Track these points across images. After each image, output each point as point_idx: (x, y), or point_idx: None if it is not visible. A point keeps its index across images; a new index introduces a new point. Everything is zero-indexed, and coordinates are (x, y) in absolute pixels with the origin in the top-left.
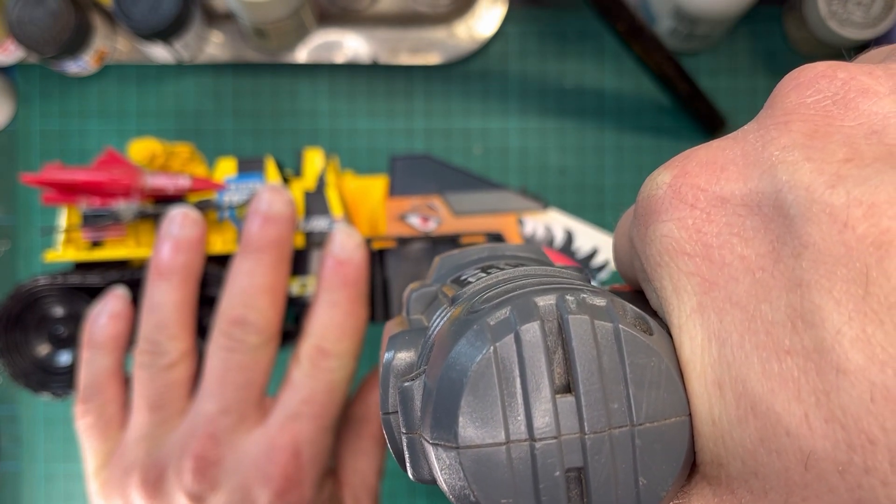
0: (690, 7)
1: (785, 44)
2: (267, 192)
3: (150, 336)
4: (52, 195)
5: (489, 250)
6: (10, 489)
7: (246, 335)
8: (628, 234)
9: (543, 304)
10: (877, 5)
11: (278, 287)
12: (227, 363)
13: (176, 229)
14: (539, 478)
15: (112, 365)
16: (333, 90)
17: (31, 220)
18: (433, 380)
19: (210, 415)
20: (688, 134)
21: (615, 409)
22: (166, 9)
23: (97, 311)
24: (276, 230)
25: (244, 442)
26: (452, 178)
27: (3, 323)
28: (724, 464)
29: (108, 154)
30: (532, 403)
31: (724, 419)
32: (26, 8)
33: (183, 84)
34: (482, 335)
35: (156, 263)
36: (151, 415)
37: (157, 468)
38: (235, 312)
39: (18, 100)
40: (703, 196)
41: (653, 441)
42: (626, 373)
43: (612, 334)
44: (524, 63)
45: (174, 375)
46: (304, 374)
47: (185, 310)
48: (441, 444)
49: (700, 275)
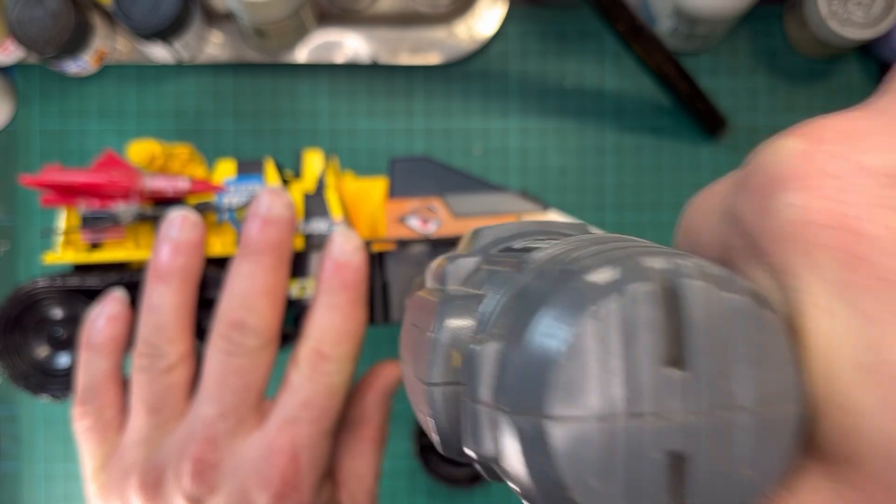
0: (691, 7)
1: (785, 44)
2: (266, 194)
3: (149, 339)
4: (51, 197)
5: (538, 224)
6: (9, 489)
7: (245, 338)
8: (719, 209)
9: (654, 266)
10: (877, 5)
11: (277, 289)
12: (226, 366)
13: (175, 232)
14: (635, 458)
15: (110, 368)
16: (333, 90)
17: (30, 221)
18: (515, 344)
19: (209, 418)
20: (688, 134)
21: (729, 390)
22: (166, 9)
23: (95, 313)
24: (276, 232)
25: (243, 445)
26: (452, 179)
27: (2, 325)
28: (857, 460)
29: (106, 156)
30: (636, 375)
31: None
32: (26, 8)
33: (183, 84)
34: (582, 295)
35: (154, 266)
36: (150, 418)
37: (156, 471)
38: (234, 315)
39: (18, 100)
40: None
41: (766, 428)
42: (745, 351)
43: (734, 306)
44: (524, 63)
45: (173, 378)
46: (303, 377)
47: (183, 312)
48: (523, 415)
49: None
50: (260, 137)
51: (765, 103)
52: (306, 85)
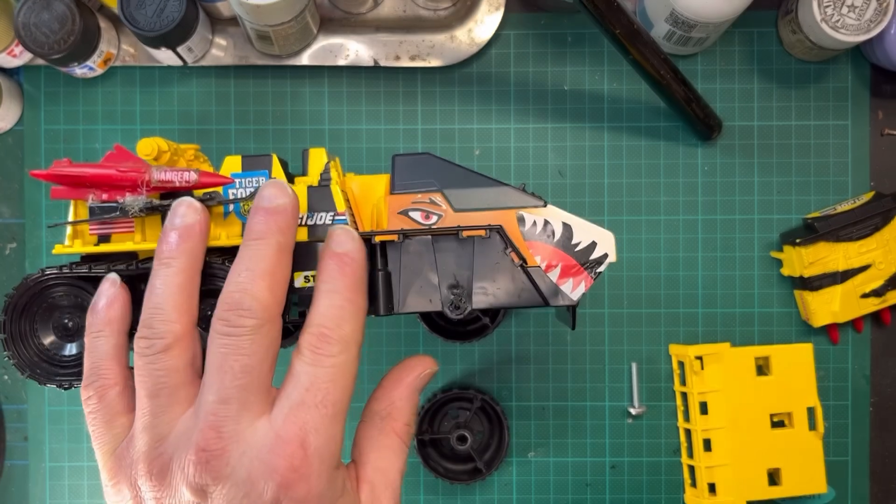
0: (686, 11)
1: (779, 47)
2: (269, 186)
3: (146, 321)
4: (60, 190)
5: None
6: (17, 484)
7: (241, 319)
8: None
9: None
10: (870, 9)
11: (277, 273)
12: (225, 349)
13: (178, 219)
14: None
15: (109, 348)
16: (335, 93)
17: (38, 220)
18: None
19: (211, 405)
20: (684, 136)
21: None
22: (171, 13)
23: (94, 298)
24: (276, 220)
25: (248, 433)
26: (453, 174)
27: (10, 313)
28: None
29: (116, 149)
30: None
31: None
32: (33, 12)
33: (187, 87)
34: None
35: (158, 252)
36: (151, 402)
37: (162, 459)
38: (231, 297)
39: (25, 102)
40: None
41: None
42: None
43: None
44: (523, 66)
45: (170, 360)
46: (306, 362)
47: (183, 294)
48: None
49: None
50: (263, 139)
51: (759, 106)
52: (308, 87)
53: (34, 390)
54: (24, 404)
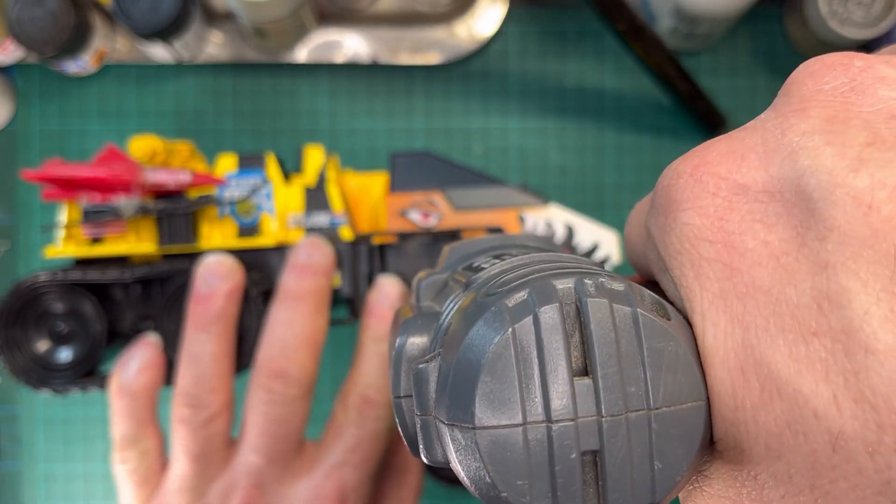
0: (691, 6)
1: (785, 43)
2: (306, 245)
3: (191, 390)
4: (53, 191)
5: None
6: (10, 489)
7: (287, 388)
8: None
9: (562, 287)
10: (877, 5)
11: (317, 337)
12: (269, 416)
13: (216, 280)
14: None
15: (147, 415)
16: (333, 90)
17: (30, 220)
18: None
19: (254, 465)
20: (688, 133)
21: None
22: (166, 8)
23: (128, 357)
24: (314, 280)
25: (290, 490)
26: (453, 174)
27: (3, 319)
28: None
29: (108, 150)
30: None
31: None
32: (26, 8)
33: (182, 84)
34: (500, 317)
35: (193, 315)
36: (193, 465)
37: None
38: (275, 365)
39: (18, 100)
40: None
41: (670, 425)
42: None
43: (630, 318)
44: (524, 63)
45: (215, 428)
46: (351, 422)
47: (224, 361)
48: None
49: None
50: (260, 137)
51: (764, 102)
52: (306, 84)
53: (28, 392)
54: (17, 405)
